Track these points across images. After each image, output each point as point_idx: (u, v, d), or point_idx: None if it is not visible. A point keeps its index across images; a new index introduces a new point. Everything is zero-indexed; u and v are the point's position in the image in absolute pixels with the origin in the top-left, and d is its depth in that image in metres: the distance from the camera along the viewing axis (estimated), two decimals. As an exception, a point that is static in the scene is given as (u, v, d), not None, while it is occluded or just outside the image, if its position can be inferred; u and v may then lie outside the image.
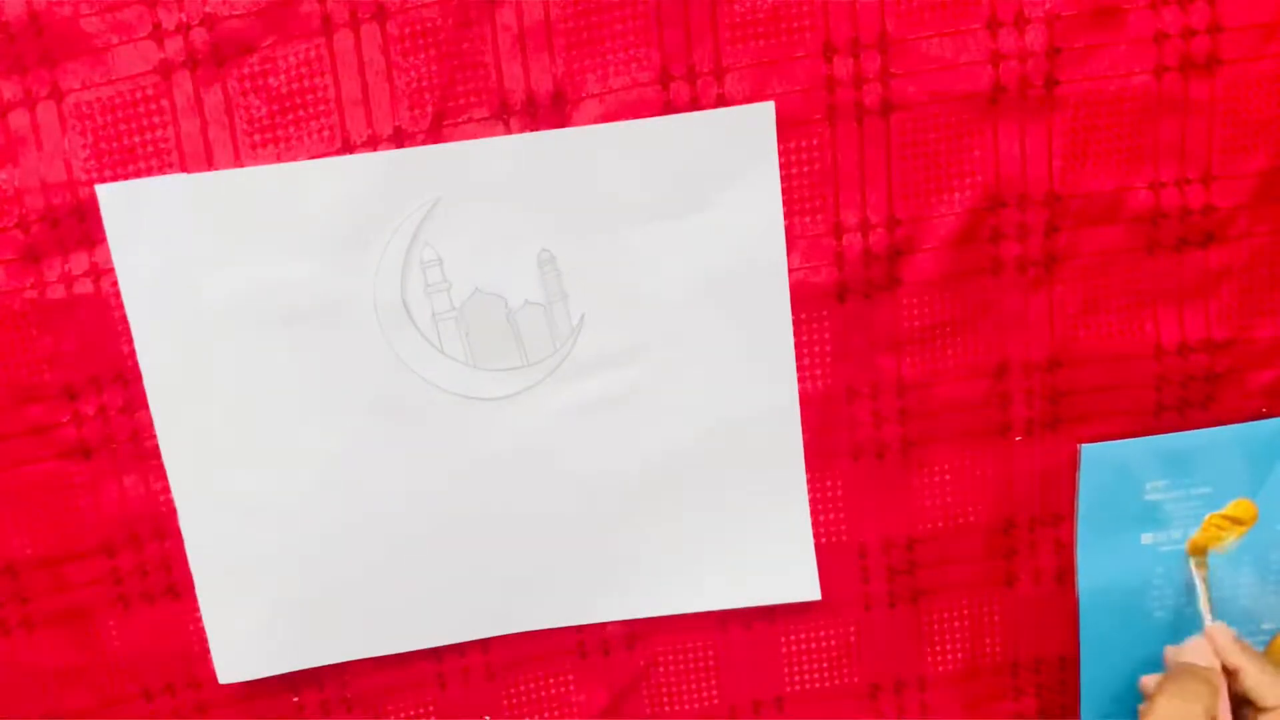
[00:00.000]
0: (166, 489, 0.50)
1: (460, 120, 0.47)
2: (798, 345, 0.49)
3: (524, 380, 0.49)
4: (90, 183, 0.47)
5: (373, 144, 0.47)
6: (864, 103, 0.47)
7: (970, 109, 0.47)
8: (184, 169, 0.47)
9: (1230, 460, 0.51)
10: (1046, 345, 0.50)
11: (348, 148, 0.47)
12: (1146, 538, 0.53)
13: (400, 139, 0.47)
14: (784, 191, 0.48)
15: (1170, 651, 0.51)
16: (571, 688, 0.54)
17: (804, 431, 0.50)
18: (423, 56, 0.46)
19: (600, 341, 0.49)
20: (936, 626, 0.53)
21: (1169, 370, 0.51)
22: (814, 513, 0.51)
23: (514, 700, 0.54)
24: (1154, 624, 0.54)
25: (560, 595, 0.52)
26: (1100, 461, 0.51)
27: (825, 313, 0.49)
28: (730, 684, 0.54)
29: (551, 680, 0.54)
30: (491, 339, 0.49)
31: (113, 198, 0.46)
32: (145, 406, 0.49)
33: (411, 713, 0.53)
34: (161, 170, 0.47)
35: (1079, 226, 0.49)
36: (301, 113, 0.46)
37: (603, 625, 0.53)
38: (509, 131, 0.47)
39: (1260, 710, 0.47)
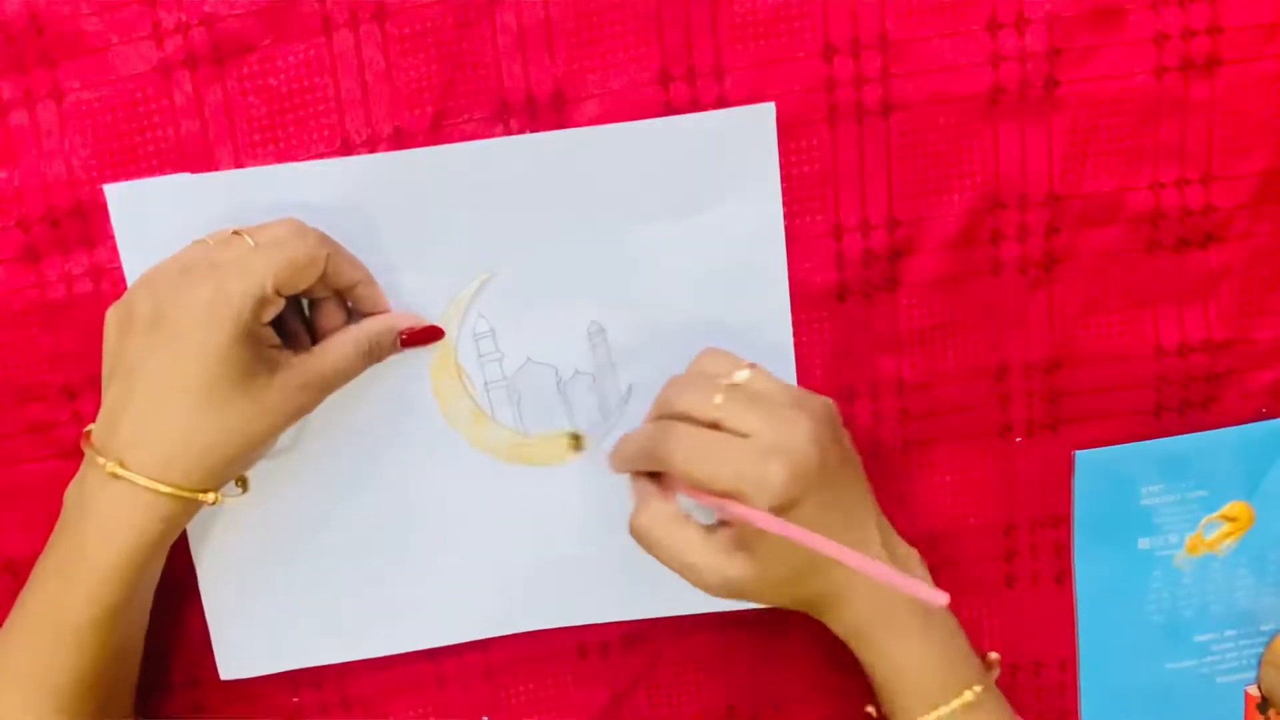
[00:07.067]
0: (166, 489, 0.50)
1: (460, 120, 0.47)
2: (797, 346, 0.49)
3: None
4: (90, 182, 0.47)
5: (372, 144, 0.47)
6: (864, 103, 0.47)
7: (970, 110, 0.47)
8: (184, 169, 0.47)
9: (1225, 463, 0.51)
10: (1046, 346, 0.50)
11: (347, 148, 0.47)
12: (1143, 542, 0.53)
13: (400, 139, 0.47)
14: (783, 192, 0.48)
15: None
16: (571, 688, 0.54)
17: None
18: (422, 56, 0.46)
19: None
20: (936, 627, 0.53)
21: (1169, 371, 0.51)
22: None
23: (513, 701, 0.54)
24: (1152, 628, 0.54)
25: (560, 596, 0.52)
26: (1095, 467, 0.51)
27: (825, 313, 0.49)
28: (729, 684, 0.54)
29: (551, 680, 0.54)
30: (542, 406, 0.50)
31: (119, 197, 0.46)
32: (145, 406, 0.49)
33: (411, 713, 0.53)
34: (162, 170, 0.47)
35: (1079, 227, 0.49)
36: (301, 112, 0.46)
37: (602, 625, 0.53)
38: (508, 132, 0.47)
39: None
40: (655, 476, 0.46)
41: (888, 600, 0.45)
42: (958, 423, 0.51)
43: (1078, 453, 0.51)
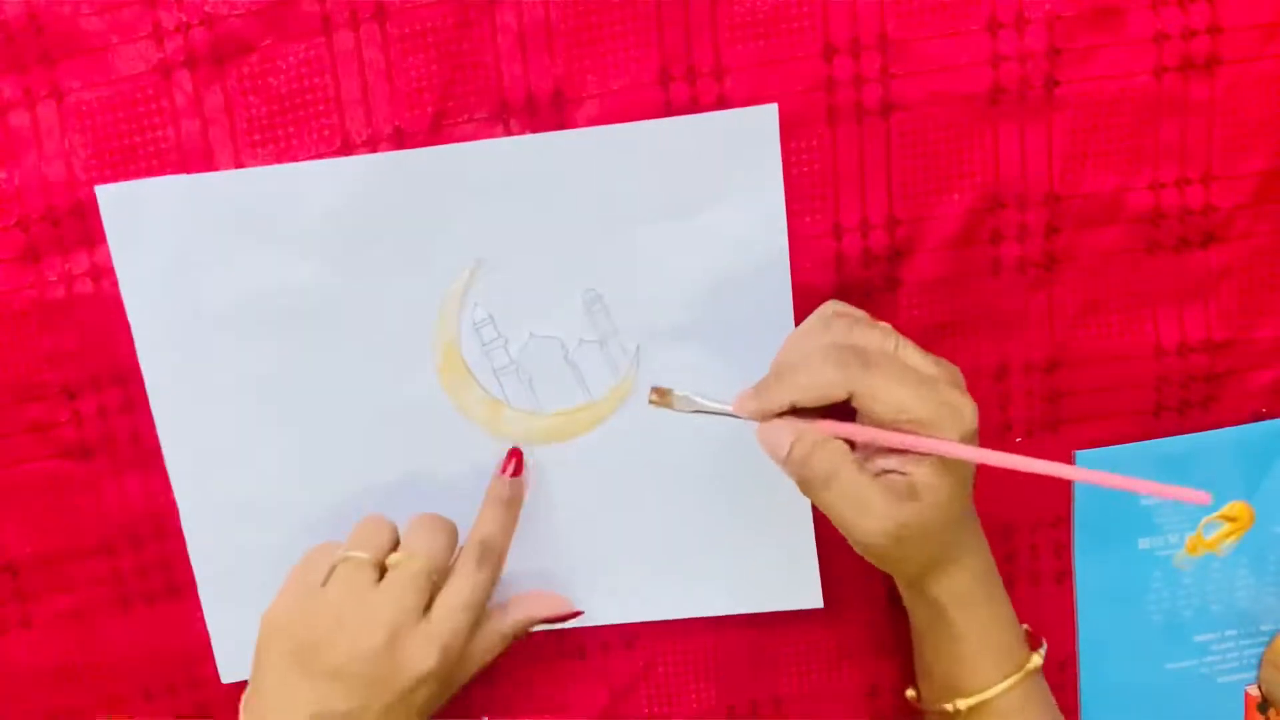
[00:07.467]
0: (167, 489, 0.50)
1: (460, 120, 0.47)
2: (797, 346, 0.49)
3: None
4: (90, 182, 0.47)
5: (372, 144, 0.47)
6: (864, 103, 0.47)
7: (970, 110, 0.47)
8: (184, 169, 0.47)
9: (1225, 463, 0.51)
10: (1046, 346, 0.50)
11: (347, 148, 0.47)
12: (1143, 543, 0.53)
13: (400, 139, 0.47)
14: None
15: None
16: (571, 688, 0.54)
17: (804, 432, 0.50)
18: (422, 56, 0.46)
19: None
20: (936, 627, 0.53)
21: (1169, 371, 0.51)
22: (815, 516, 0.51)
23: (513, 701, 0.54)
24: (1152, 628, 0.54)
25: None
26: (1095, 467, 0.51)
27: (825, 313, 0.49)
28: (729, 684, 0.54)
29: (551, 680, 0.54)
30: (554, 382, 0.49)
31: (112, 199, 0.46)
32: (145, 406, 0.49)
33: (411, 713, 0.53)
34: (162, 170, 0.47)
35: (1079, 227, 0.49)
36: (301, 113, 0.46)
37: (602, 625, 0.53)
38: (509, 132, 0.47)
39: None
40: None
41: (992, 564, 0.46)
42: (958, 423, 0.51)
43: (1078, 453, 0.51)
